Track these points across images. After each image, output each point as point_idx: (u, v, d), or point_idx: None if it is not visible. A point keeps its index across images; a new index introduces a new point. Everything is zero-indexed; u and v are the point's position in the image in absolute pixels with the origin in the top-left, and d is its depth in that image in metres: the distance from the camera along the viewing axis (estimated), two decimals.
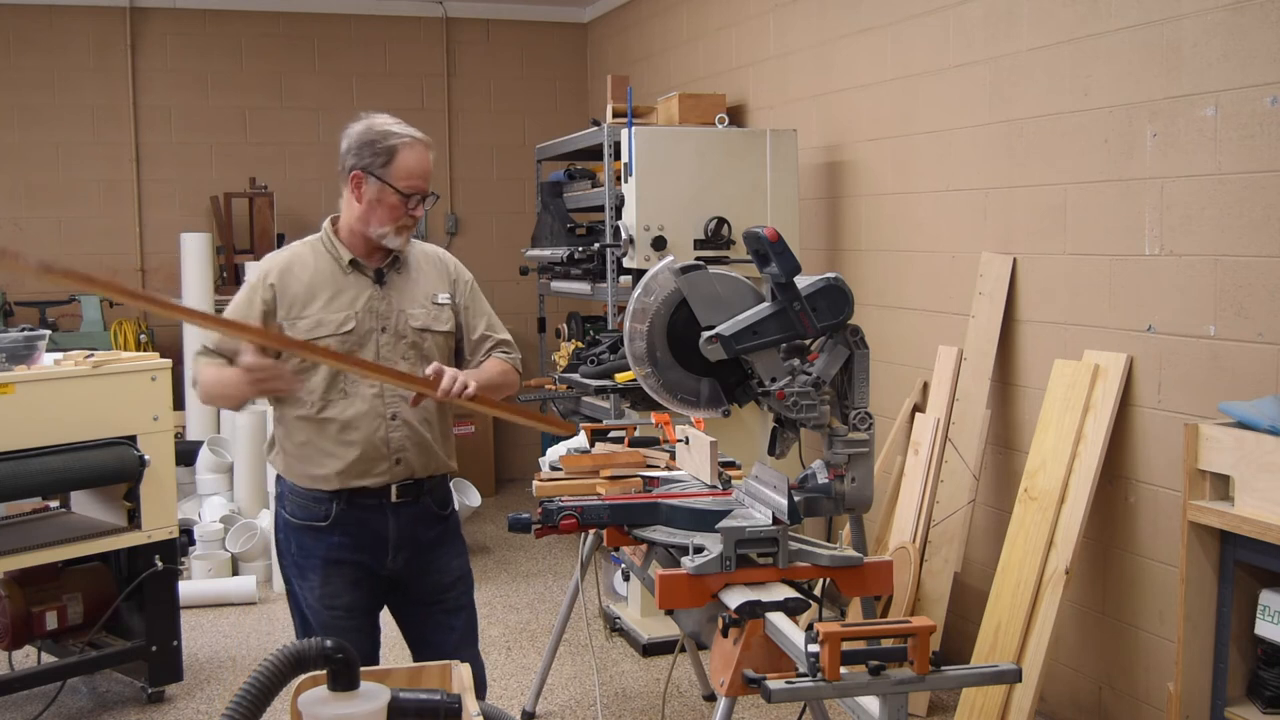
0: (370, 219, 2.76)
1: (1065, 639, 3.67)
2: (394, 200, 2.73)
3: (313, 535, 2.79)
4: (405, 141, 2.73)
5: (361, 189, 2.74)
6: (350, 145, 2.76)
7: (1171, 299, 3.25)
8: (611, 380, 4.53)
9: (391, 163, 2.72)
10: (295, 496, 2.81)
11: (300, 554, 2.82)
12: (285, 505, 2.84)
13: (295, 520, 2.81)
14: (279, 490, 2.88)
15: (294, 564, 2.84)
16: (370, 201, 2.74)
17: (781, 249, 2.56)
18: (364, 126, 2.76)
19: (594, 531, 3.24)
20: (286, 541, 2.85)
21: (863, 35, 4.68)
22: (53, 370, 3.74)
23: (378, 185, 2.73)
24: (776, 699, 1.95)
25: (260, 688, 1.48)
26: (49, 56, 7.03)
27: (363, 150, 2.73)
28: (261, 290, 2.76)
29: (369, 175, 2.72)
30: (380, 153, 2.71)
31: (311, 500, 2.78)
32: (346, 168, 2.76)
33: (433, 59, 7.81)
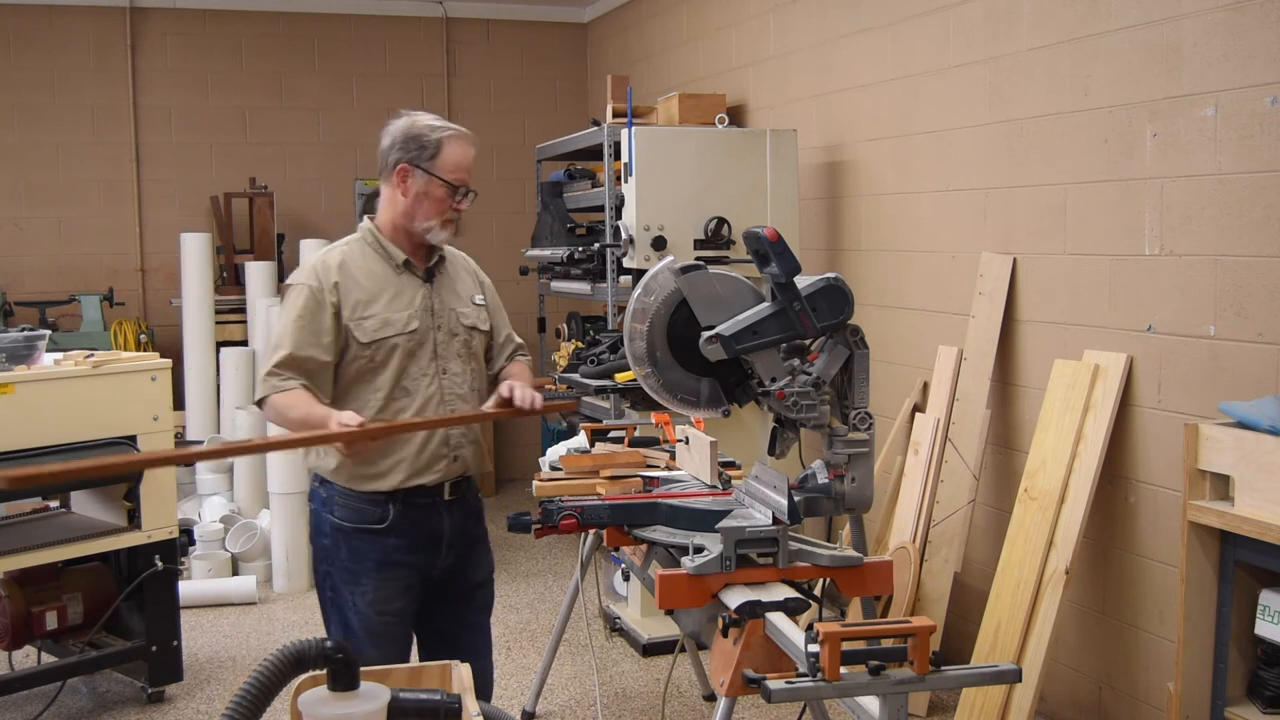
0: (416, 212, 2.75)
1: (1065, 639, 3.67)
2: (441, 193, 2.74)
3: (368, 538, 2.75)
4: (450, 134, 2.76)
5: (407, 182, 2.73)
6: (394, 141, 2.75)
7: (1171, 299, 3.25)
8: (611, 380, 4.53)
9: (438, 155, 2.73)
10: (347, 500, 2.76)
11: (352, 559, 2.76)
12: (333, 510, 2.77)
13: (347, 524, 2.76)
14: (324, 495, 2.80)
15: (345, 569, 2.77)
16: (417, 194, 2.74)
17: (781, 249, 2.56)
18: (407, 123, 2.76)
19: (594, 531, 3.24)
20: (335, 547, 2.78)
21: (863, 35, 4.68)
22: (53, 370, 3.74)
23: (425, 177, 2.73)
24: (776, 699, 1.95)
25: (260, 688, 1.49)
26: (49, 56, 7.03)
27: (408, 144, 2.73)
28: (327, 293, 2.72)
29: (415, 168, 2.72)
30: (426, 145, 2.72)
31: (366, 502, 2.74)
32: (391, 163, 2.75)
33: (433, 59, 7.81)
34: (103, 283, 7.06)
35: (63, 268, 7.12)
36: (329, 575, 2.81)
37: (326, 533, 2.80)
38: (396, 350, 2.75)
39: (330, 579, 2.81)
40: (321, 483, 2.81)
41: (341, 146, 7.64)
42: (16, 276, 6.98)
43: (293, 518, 5.33)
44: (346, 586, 2.78)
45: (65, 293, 6.93)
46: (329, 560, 2.81)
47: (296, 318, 2.71)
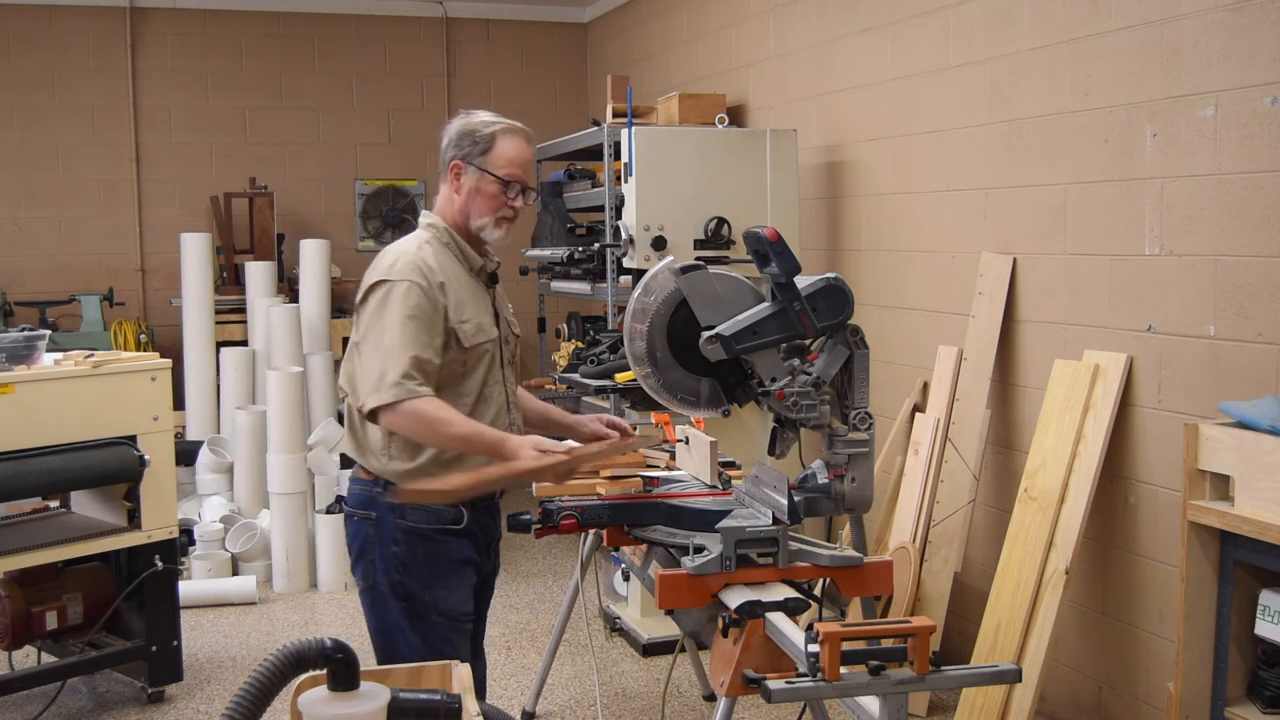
0: (470, 210, 2.70)
1: (1065, 639, 3.67)
2: (493, 189, 2.68)
3: (444, 540, 2.67)
4: (504, 129, 2.69)
5: (460, 179, 2.69)
6: (450, 139, 2.71)
7: (1171, 299, 3.25)
8: (611, 380, 4.53)
9: (490, 150, 2.67)
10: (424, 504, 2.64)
11: (429, 561, 2.66)
12: (404, 514, 2.64)
13: (423, 527, 2.65)
14: (391, 501, 2.64)
15: (423, 573, 2.65)
16: (469, 191, 2.69)
17: (781, 249, 2.56)
18: (463, 120, 2.72)
19: (594, 531, 3.24)
20: (408, 552, 2.64)
21: (863, 35, 4.68)
22: (53, 370, 3.74)
23: (476, 174, 2.68)
24: (776, 699, 1.95)
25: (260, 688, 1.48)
26: (49, 56, 7.03)
27: (461, 140, 2.68)
28: (437, 292, 2.60)
29: (468, 164, 2.68)
30: (479, 140, 2.67)
31: (443, 506, 2.64)
32: (446, 161, 2.71)
33: (433, 59, 7.81)
34: (103, 283, 7.06)
35: (63, 268, 7.12)
36: (401, 584, 2.65)
37: (398, 540, 2.64)
38: (484, 356, 2.70)
39: (403, 587, 2.66)
40: (388, 487, 2.64)
41: (341, 146, 7.65)
42: (16, 276, 6.98)
43: (293, 518, 5.33)
44: (426, 591, 2.66)
45: (65, 293, 6.94)
46: (401, 567, 2.65)
47: (409, 317, 2.55)
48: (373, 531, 2.67)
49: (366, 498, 2.69)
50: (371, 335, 2.55)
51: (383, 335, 2.53)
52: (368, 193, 7.75)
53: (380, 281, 2.58)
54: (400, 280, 2.56)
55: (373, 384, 2.51)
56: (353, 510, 2.72)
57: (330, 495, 5.43)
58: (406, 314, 2.54)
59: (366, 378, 2.53)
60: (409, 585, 2.66)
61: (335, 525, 5.25)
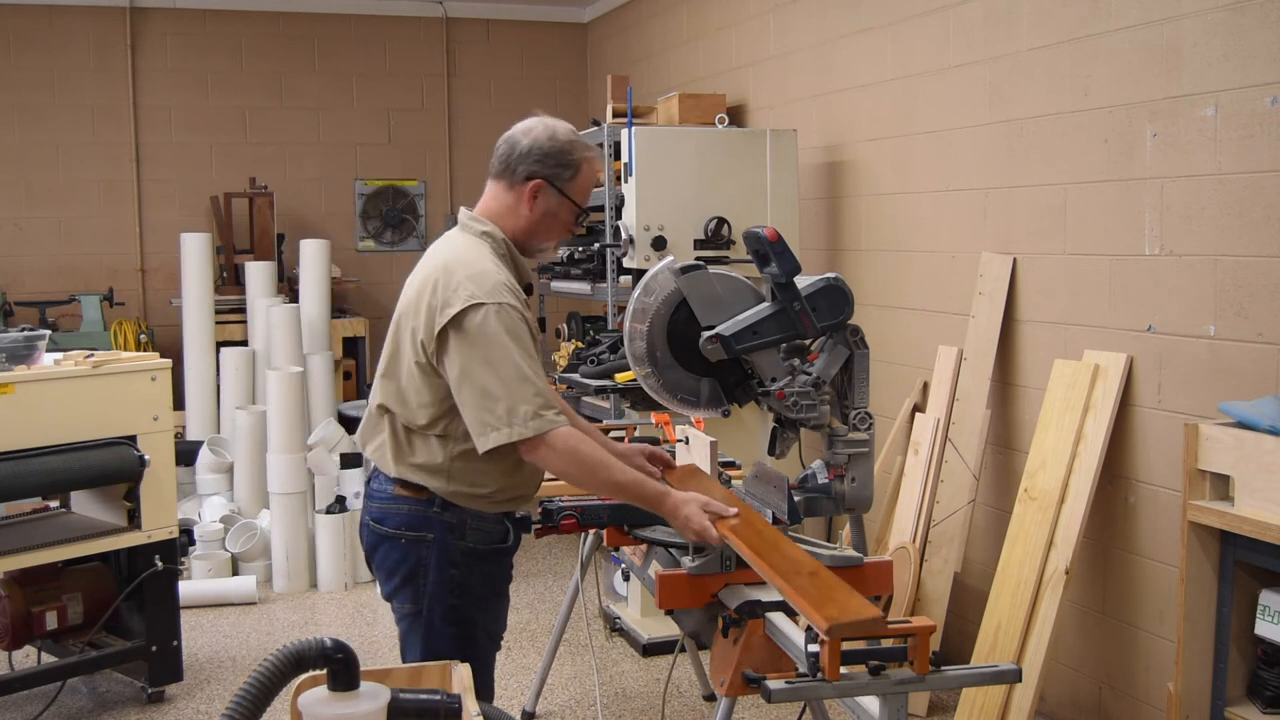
0: (538, 231, 2.54)
1: (1065, 639, 3.67)
2: (569, 216, 2.54)
3: (496, 560, 2.57)
4: (592, 156, 2.55)
5: (537, 199, 2.50)
6: (531, 150, 2.49)
7: (1171, 299, 3.25)
8: (611, 380, 4.53)
9: (576, 177, 2.52)
10: (479, 522, 2.51)
11: (484, 583, 2.55)
12: (465, 534, 2.49)
13: (482, 548, 2.52)
14: (450, 520, 2.48)
15: (478, 596, 2.54)
16: (545, 213, 2.52)
17: (781, 249, 2.56)
18: (548, 133, 2.50)
19: (594, 531, 3.24)
20: (467, 575, 2.51)
21: (863, 35, 4.68)
22: (53, 370, 3.74)
23: (558, 199, 2.51)
24: (776, 699, 1.95)
25: (260, 688, 1.49)
26: (49, 56, 7.03)
27: (548, 159, 2.49)
28: (529, 315, 2.45)
29: (551, 187, 2.49)
30: (568, 165, 2.50)
31: (495, 523, 2.53)
32: (522, 173, 2.49)
33: (433, 59, 7.81)
34: (103, 283, 7.06)
35: (63, 268, 7.12)
36: (456, 609, 2.51)
37: (457, 562, 2.50)
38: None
39: (457, 611, 2.52)
40: (445, 507, 2.48)
41: (341, 146, 7.65)
42: (16, 276, 6.98)
43: (293, 518, 5.33)
44: (480, 614, 2.56)
45: (65, 293, 6.94)
46: (459, 591, 2.51)
47: (519, 344, 2.36)
48: (428, 554, 2.49)
49: (420, 518, 2.49)
50: (481, 363, 2.34)
51: (498, 364, 2.34)
52: (368, 193, 7.75)
53: (477, 305, 2.34)
54: (497, 303, 2.36)
55: (500, 416, 2.32)
56: (399, 532, 2.50)
57: (330, 495, 5.43)
58: (516, 340, 2.36)
59: (489, 408, 2.33)
60: (464, 609, 2.53)
61: (335, 525, 5.25)
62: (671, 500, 2.41)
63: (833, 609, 1.87)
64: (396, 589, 2.55)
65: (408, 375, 2.45)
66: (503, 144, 2.54)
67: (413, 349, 2.42)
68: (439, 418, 2.43)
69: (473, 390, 2.34)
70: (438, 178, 7.87)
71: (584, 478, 2.42)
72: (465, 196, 7.86)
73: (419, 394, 2.43)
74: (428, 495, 2.48)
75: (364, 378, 6.96)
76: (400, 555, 2.52)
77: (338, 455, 5.53)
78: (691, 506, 2.38)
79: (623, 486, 2.42)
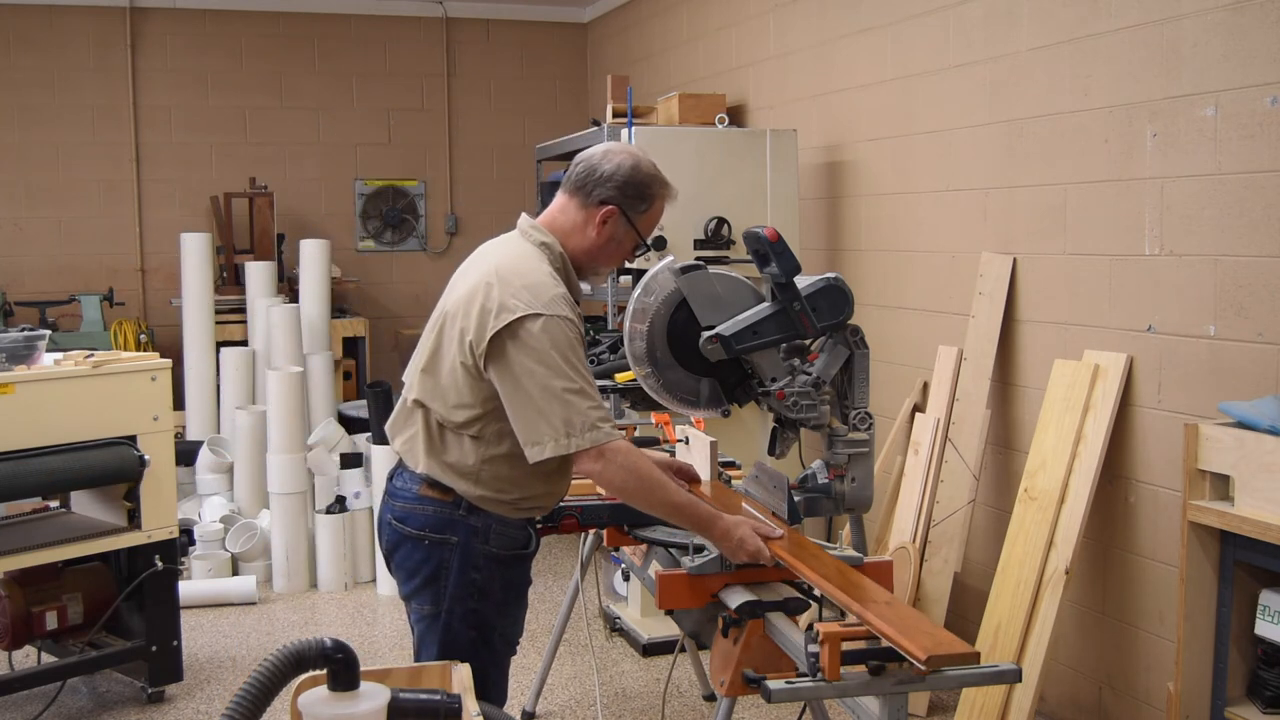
0: (600, 255, 2.56)
1: (1065, 639, 3.67)
2: (630, 245, 2.58)
3: (517, 565, 2.56)
4: (665, 194, 2.59)
5: (607, 225, 2.52)
6: (613, 176, 2.53)
7: (1171, 299, 3.25)
8: (611, 380, 4.53)
9: (649, 211, 2.57)
10: (503, 526, 2.50)
11: (504, 588, 2.54)
12: (489, 539, 2.49)
13: (505, 553, 2.52)
14: (476, 524, 2.48)
15: (499, 599, 2.54)
16: (610, 239, 2.54)
17: (781, 249, 2.56)
18: (632, 162, 2.55)
19: (594, 531, 3.24)
20: (489, 580, 2.50)
21: (863, 35, 4.68)
22: (53, 370, 3.74)
23: (626, 228, 2.54)
24: (776, 699, 1.95)
25: (260, 688, 1.49)
26: (49, 56, 7.03)
27: (627, 188, 2.52)
28: (582, 327, 2.49)
29: (623, 215, 2.53)
30: (644, 198, 2.54)
31: (517, 528, 2.53)
32: (598, 196, 2.52)
33: (433, 59, 7.81)
34: (103, 283, 7.06)
35: (63, 268, 7.13)
36: (475, 612, 2.51)
37: (479, 566, 2.50)
38: None
39: (477, 615, 2.52)
40: (470, 511, 2.48)
41: (341, 146, 7.65)
42: (16, 276, 6.98)
43: (293, 518, 5.33)
44: (499, 618, 2.56)
45: (65, 293, 6.94)
46: (480, 595, 2.51)
47: (577, 356, 2.38)
48: (451, 557, 2.49)
49: (445, 520, 2.49)
50: (536, 373, 2.33)
51: (554, 375, 2.34)
52: (368, 193, 7.75)
53: (534, 315, 2.34)
54: (554, 316, 2.37)
55: (556, 427, 2.32)
56: (423, 533, 2.50)
57: (330, 495, 5.43)
58: (573, 352, 2.37)
59: (544, 419, 2.33)
60: (484, 612, 2.53)
61: (335, 525, 5.25)
62: (723, 524, 2.42)
63: (926, 640, 1.88)
64: (417, 590, 2.53)
65: (449, 374, 2.44)
66: (581, 162, 2.58)
67: (459, 349, 2.41)
68: (475, 419, 2.43)
69: (526, 400, 2.34)
70: (438, 178, 7.87)
71: (640, 494, 2.41)
72: (465, 196, 7.86)
73: (459, 394, 2.43)
74: (453, 497, 2.48)
75: (364, 378, 6.97)
76: (423, 556, 2.51)
77: (338, 455, 5.53)
78: (744, 529, 2.41)
79: (679, 508, 2.42)
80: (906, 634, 1.90)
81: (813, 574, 2.24)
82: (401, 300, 7.79)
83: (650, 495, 2.41)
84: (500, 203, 7.68)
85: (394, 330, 7.70)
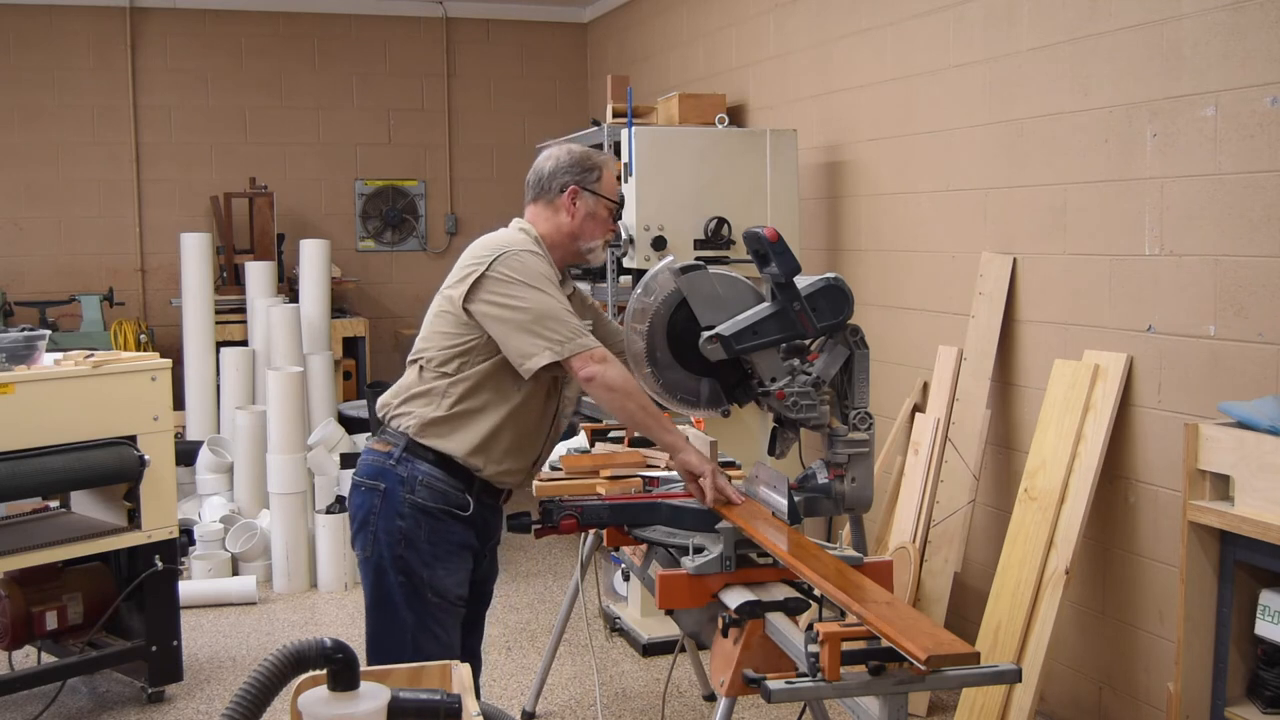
0: (583, 232, 2.85)
1: (1065, 639, 3.67)
2: (605, 213, 2.87)
3: (451, 522, 2.75)
4: (606, 160, 2.90)
5: (576, 203, 2.84)
6: (560, 166, 2.85)
7: (1171, 299, 3.25)
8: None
9: (602, 178, 2.86)
10: (433, 481, 2.73)
11: (433, 539, 2.73)
12: (414, 489, 2.72)
13: (431, 505, 2.73)
14: (403, 474, 2.72)
15: (426, 551, 2.73)
16: (586, 215, 2.85)
17: (781, 249, 2.56)
18: (564, 150, 2.88)
19: (594, 531, 3.24)
20: (414, 529, 2.72)
21: (863, 35, 4.68)
22: (53, 370, 3.74)
23: (593, 199, 2.84)
24: (776, 699, 1.95)
25: (260, 688, 1.49)
26: (49, 56, 7.03)
27: (574, 168, 2.85)
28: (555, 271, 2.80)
29: (584, 189, 2.84)
30: (590, 169, 2.85)
31: (452, 488, 2.74)
32: (558, 186, 2.84)
33: (433, 59, 7.81)
34: (103, 283, 7.06)
35: (63, 268, 7.13)
36: (402, 559, 2.73)
37: (404, 513, 2.72)
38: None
39: (404, 562, 2.73)
40: (401, 460, 2.73)
41: (341, 146, 7.65)
42: (16, 276, 6.98)
43: (293, 518, 5.33)
44: (425, 569, 2.74)
45: (65, 293, 6.94)
46: (405, 542, 2.72)
47: (552, 283, 2.73)
48: (379, 503, 2.74)
49: (378, 469, 2.76)
50: (517, 296, 2.64)
51: (536, 294, 2.65)
52: (368, 193, 7.76)
53: (507, 253, 2.69)
54: (526, 250, 2.72)
55: (549, 339, 2.61)
56: (360, 480, 2.79)
57: (330, 495, 5.43)
58: (548, 278, 2.70)
59: (535, 335, 2.62)
60: (409, 560, 2.73)
61: (335, 525, 5.25)
62: (688, 456, 2.69)
63: (927, 640, 1.89)
64: (355, 533, 2.81)
65: (431, 322, 2.78)
66: (531, 175, 2.89)
67: (442, 301, 2.77)
68: (454, 357, 2.72)
69: (514, 323, 2.64)
70: (438, 178, 7.87)
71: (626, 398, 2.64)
72: (465, 196, 7.86)
73: (443, 337, 2.74)
74: (388, 449, 2.76)
75: (364, 378, 6.97)
76: (359, 502, 2.79)
77: (338, 455, 5.53)
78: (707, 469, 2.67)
79: (655, 416, 2.68)
80: (906, 634, 1.90)
81: (813, 574, 2.25)
82: (401, 300, 7.79)
83: (639, 397, 2.66)
84: (500, 203, 7.68)
85: (394, 330, 7.70)
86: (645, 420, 2.66)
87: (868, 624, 1.98)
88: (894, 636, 1.91)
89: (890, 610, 2.02)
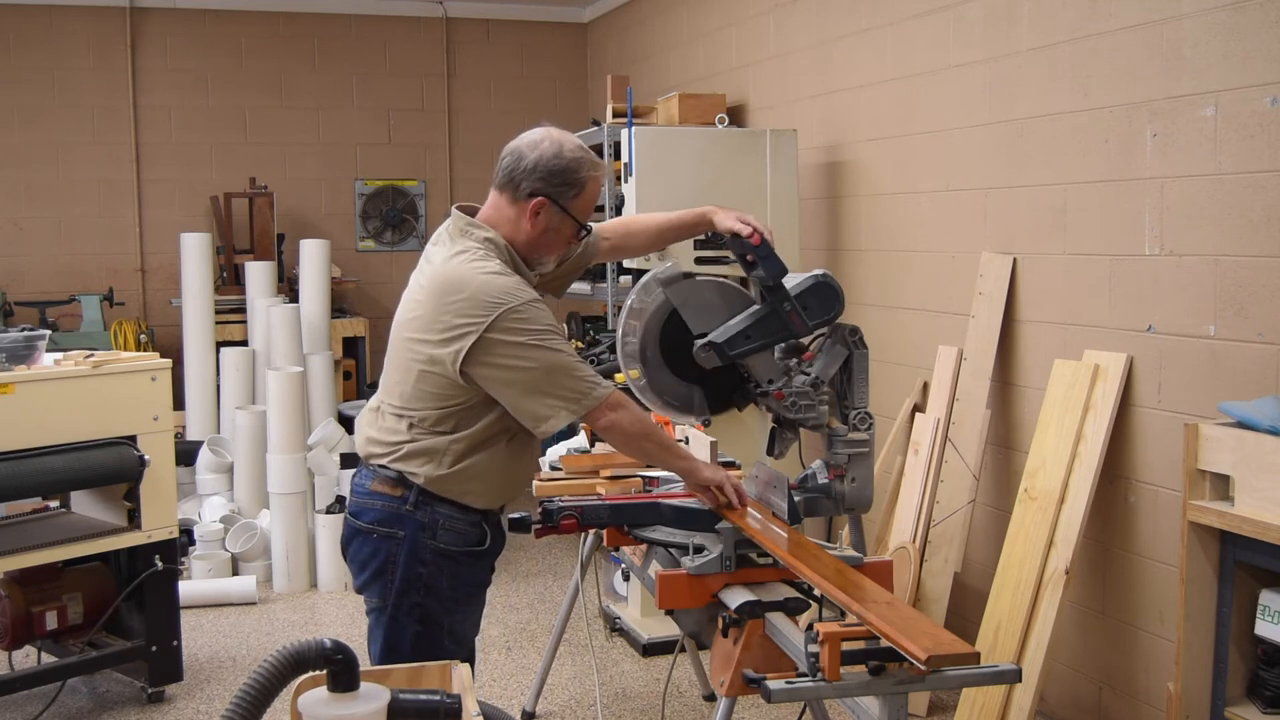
0: (539, 246, 2.55)
1: (1065, 639, 3.67)
2: (569, 232, 2.56)
3: (470, 562, 2.58)
4: (596, 175, 2.55)
5: (539, 216, 2.50)
6: (536, 167, 2.49)
7: (1171, 299, 3.25)
8: (611, 380, 4.53)
9: (581, 196, 2.53)
10: (453, 523, 2.53)
11: (453, 585, 2.56)
12: (436, 534, 2.52)
13: (453, 549, 2.54)
14: (422, 519, 2.51)
15: (446, 596, 2.55)
16: (546, 229, 2.53)
17: (766, 252, 2.56)
18: (554, 149, 2.50)
19: (594, 531, 3.24)
20: (435, 575, 2.53)
21: (863, 35, 4.68)
22: (53, 370, 3.74)
23: (561, 216, 2.52)
24: (776, 699, 1.95)
25: (260, 688, 1.49)
26: (49, 56, 7.03)
27: (552, 177, 2.49)
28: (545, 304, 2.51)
29: (554, 204, 2.50)
30: (572, 184, 2.51)
31: (470, 525, 2.55)
32: (526, 190, 2.49)
33: (433, 59, 7.81)
34: (103, 283, 7.06)
35: (63, 268, 7.12)
36: (420, 606, 2.53)
37: (426, 560, 2.52)
38: None
39: (422, 609, 2.54)
40: (419, 505, 2.51)
41: (341, 146, 7.65)
42: (16, 276, 6.98)
43: (293, 518, 5.33)
44: (446, 615, 2.57)
45: (65, 293, 6.94)
46: (423, 589, 2.53)
47: (555, 331, 2.44)
48: (398, 551, 2.52)
49: (393, 515, 2.52)
50: (526, 358, 2.39)
51: (543, 352, 2.41)
52: (368, 193, 7.76)
53: (504, 310, 2.38)
54: (527, 304, 2.41)
55: (565, 397, 2.41)
56: (373, 527, 2.54)
57: (330, 495, 5.43)
58: (550, 331, 2.43)
59: (549, 395, 2.41)
60: (429, 608, 2.55)
61: (335, 525, 5.25)
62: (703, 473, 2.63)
63: (927, 640, 1.88)
64: (367, 583, 2.59)
65: (416, 380, 2.48)
66: (508, 155, 2.53)
67: (423, 360, 2.45)
68: (446, 417, 2.48)
69: (523, 387, 2.41)
70: (438, 178, 7.87)
71: (652, 434, 2.56)
72: (465, 196, 7.78)
73: (431, 399, 2.48)
74: (401, 493, 2.51)
75: (364, 378, 6.97)
76: (372, 550, 2.55)
77: (338, 455, 5.53)
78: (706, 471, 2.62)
79: (667, 446, 2.60)
80: (906, 634, 1.90)
81: (813, 574, 2.25)
82: None
83: (654, 435, 2.56)
84: None
85: None
86: (660, 455, 2.56)
87: (868, 624, 1.98)
88: (894, 636, 1.91)
89: (890, 610, 2.02)
